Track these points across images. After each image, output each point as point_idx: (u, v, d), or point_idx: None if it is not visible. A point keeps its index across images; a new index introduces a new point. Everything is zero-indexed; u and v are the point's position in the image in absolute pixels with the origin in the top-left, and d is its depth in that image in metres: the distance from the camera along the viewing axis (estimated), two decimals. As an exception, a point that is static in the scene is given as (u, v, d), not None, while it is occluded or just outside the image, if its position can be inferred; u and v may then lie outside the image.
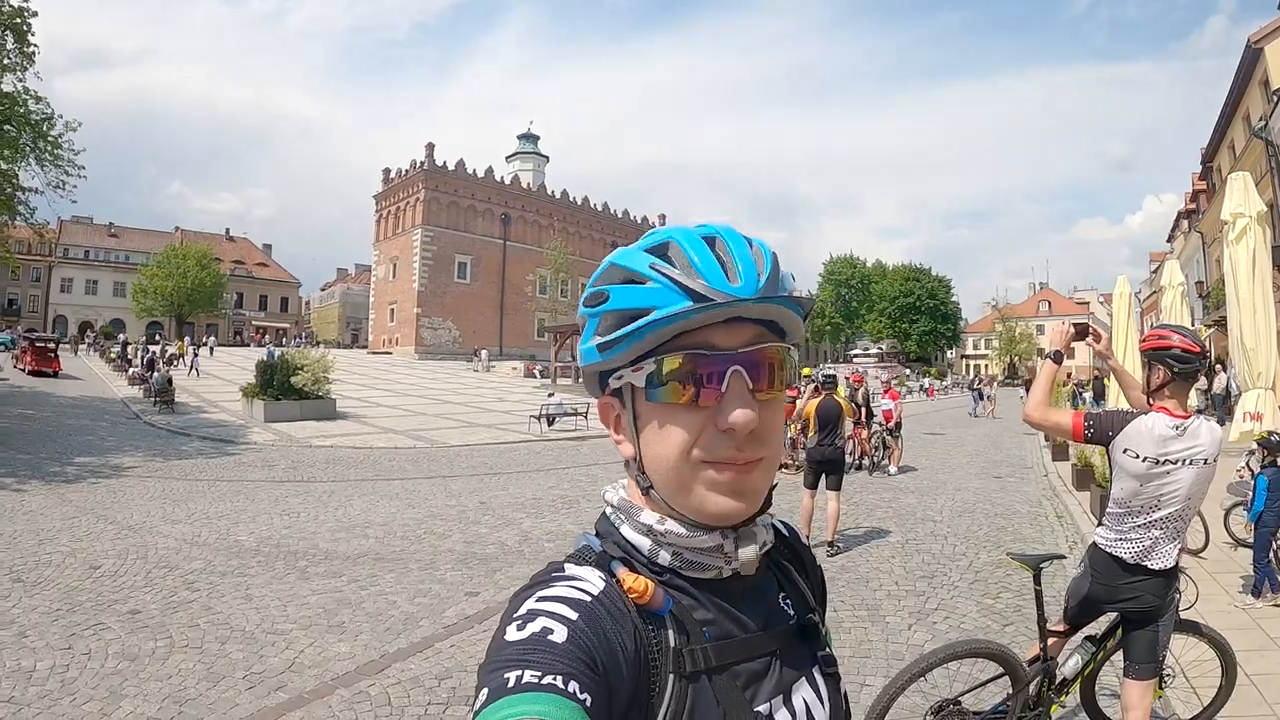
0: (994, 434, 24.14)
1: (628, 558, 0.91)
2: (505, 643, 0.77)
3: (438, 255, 70.03)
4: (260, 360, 24.91)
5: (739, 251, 0.85)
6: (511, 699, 0.70)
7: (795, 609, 1.00)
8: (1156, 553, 3.28)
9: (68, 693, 4.94)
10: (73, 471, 13.91)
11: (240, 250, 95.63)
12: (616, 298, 0.86)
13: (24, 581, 7.31)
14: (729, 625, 0.90)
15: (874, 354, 75.00)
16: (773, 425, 0.88)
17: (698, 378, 0.84)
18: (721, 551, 0.89)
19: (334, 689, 5.07)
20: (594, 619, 0.81)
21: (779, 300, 0.86)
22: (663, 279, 0.83)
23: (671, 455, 0.86)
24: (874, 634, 6.06)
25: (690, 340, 0.85)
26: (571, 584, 0.85)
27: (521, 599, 0.83)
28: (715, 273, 0.83)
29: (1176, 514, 3.26)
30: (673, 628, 0.86)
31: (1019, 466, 16.55)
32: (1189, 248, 43.35)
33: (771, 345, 0.87)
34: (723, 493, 0.85)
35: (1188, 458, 3.19)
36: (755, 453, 0.85)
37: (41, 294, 79.66)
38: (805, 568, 1.10)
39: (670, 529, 0.89)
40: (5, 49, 20.47)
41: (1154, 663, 3.31)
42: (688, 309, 0.82)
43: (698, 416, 0.85)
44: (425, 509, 11.26)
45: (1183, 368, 3.26)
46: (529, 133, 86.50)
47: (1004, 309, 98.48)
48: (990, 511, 11.13)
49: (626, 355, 0.87)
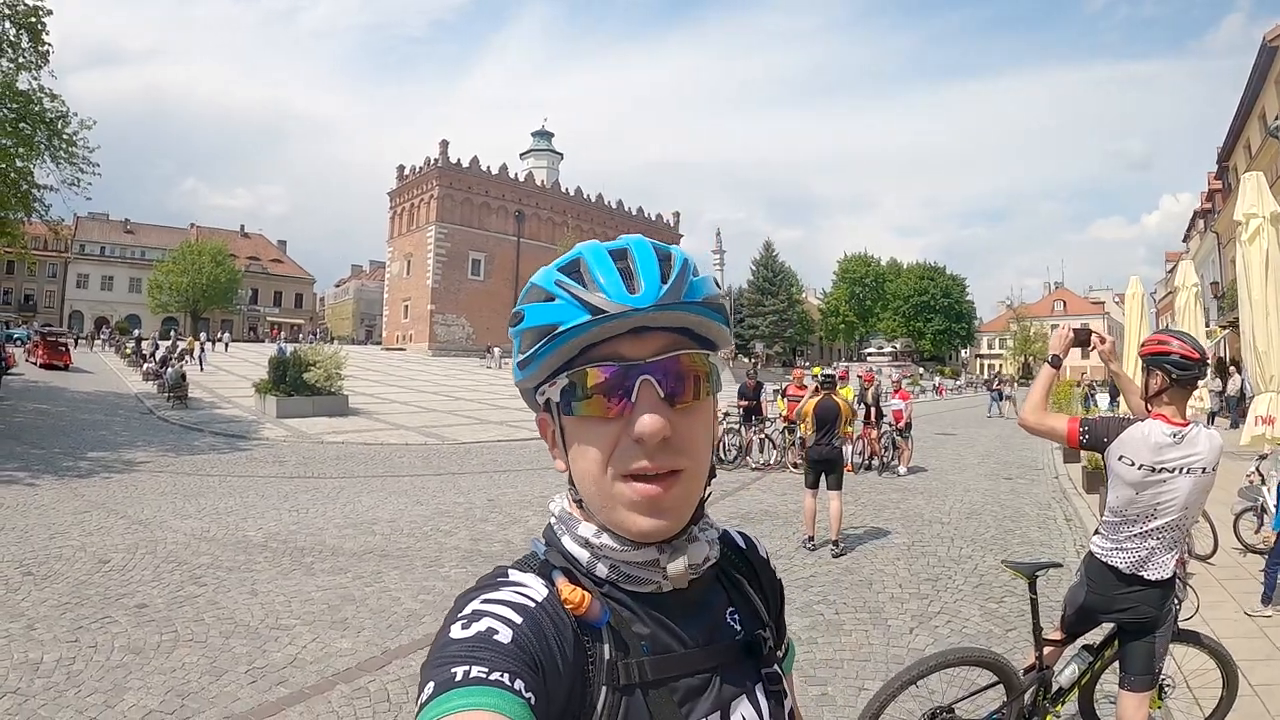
0: (1005, 435, 24.02)
1: (569, 568, 0.92)
2: (450, 640, 0.78)
3: (451, 252, 70.20)
4: (273, 356, 24.98)
5: (643, 262, 0.86)
6: (460, 691, 0.71)
7: (743, 624, 0.99)
8: (1153, 563, 3.24)
9: (73, 685, 4.99)
10: (85, 466, 14.00)
11: (255, 246, 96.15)
12: (530, 316, 0.88)
13: (34, 575, 7.37)
14: (667, 640, 0.90)
15: (888, 353, 74.72)
16: (691, 435, 0.87)
17: (608, 389, 0.85)
18: (657, 565, 0.89)
19: (334, 684, 5.10)
20: (536, 624, 0.82)
21: (683, 307, 0.86)
22: (565, 295, 0.85)
23: (592, 469, 0.87)
24: (875, 637, 6.04)
25: (600, 352, 0.86)
26: (516, 589, 0.86)
27: (466, 600, 0.85)
28: (615, 284, 0.84)
29: (1173, 523, 3.21)
30: (609, 640, 0.86)
31: (1029, 468, 16.46)
32: (1204, 248, 43.05)
33: (685, 353, 0.87)
34: (642, 511, 0.85)
35: (1185, 466, 3.16)
36: (671, 463, 0.85)
37: (58, 289, 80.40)
38: (761, 581, 1.09)
39: (605, 543, 0.90)
40: (20, 48, 20.60)
41: (1150, 674, 3.27)
42: (585, 322, 0.83)
43: (612, 429, 0.85)
44: (433, 506, 11.29)
45: (1181, 374, 3.22)
46: (543, 130, 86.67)
47: (1018, 308, 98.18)
48: (999, 514, 11.07)
49: (541, 371, 0.89)
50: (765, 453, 16.44)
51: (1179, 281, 12.48)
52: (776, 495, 12.61)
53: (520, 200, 75.64)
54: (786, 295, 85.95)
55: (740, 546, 1.11)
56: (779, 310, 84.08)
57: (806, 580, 7.63)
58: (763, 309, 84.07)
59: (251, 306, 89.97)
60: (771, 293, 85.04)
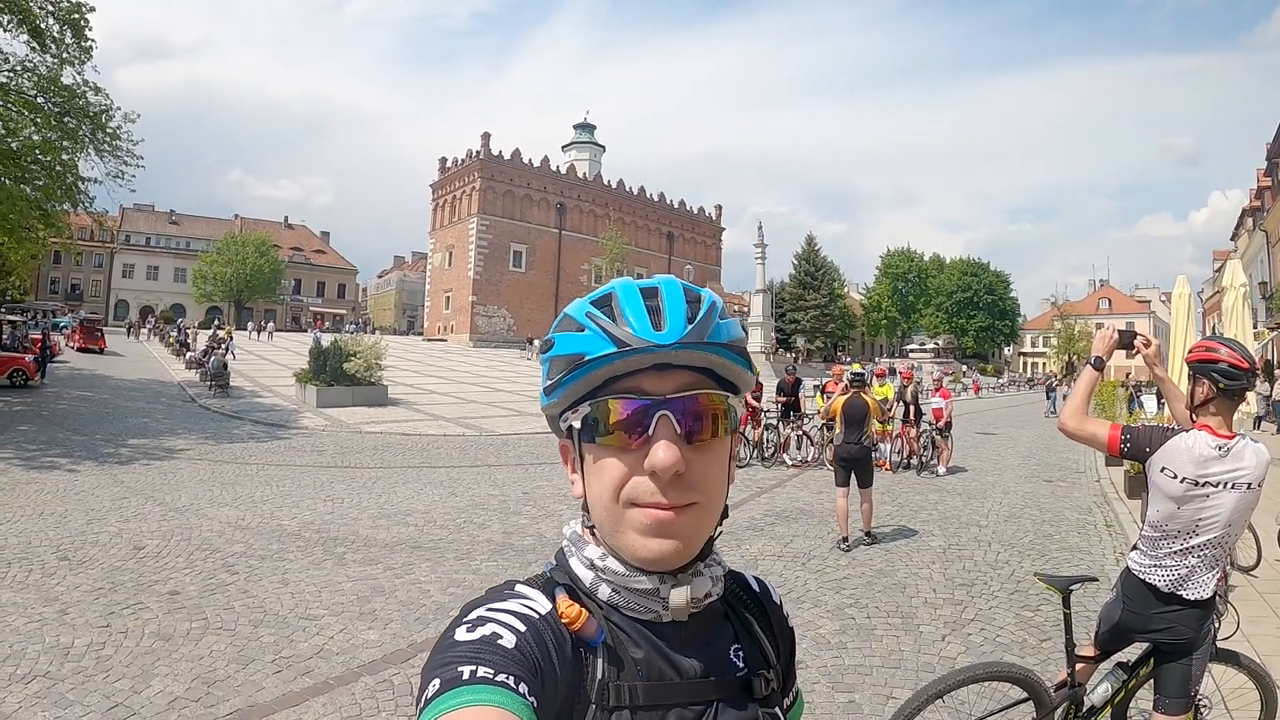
0: (1047, 436, 23.66)
1: (573, 587, 0.94)
2: (455, 642, 0.80)
3: (493, 244, 70.59)
4: (313, 346, 25.22)
5: (671, 301, 0.89)
6: (468, 688, 0.73)
7: (747, 661, 0.99)
8: (1193, 582, 3.11)
9: (102, 670, 5.07)
10: (126, 453, 14.23)
11: (298, 237, 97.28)
12: (560, 344, 0.90)
13: (70, 560, 7.49)
14: (662, 667, 0.90)
15: (930, 349, 74.05)
16: (706, 472, 0.89)
17: (627, 422, 0.86)
18: (658, 595, 0.90)
19: (359, 676, 5.13)
20: (539, 634, 0.84)
21: (705, 347, 0.88)
22: (594, 327, 0.88)
23: (604, 495, 0.89)
24: (906, 644, 5.94)
25: (622, 385, 0.88)
26: (522, 602, 0.89)
27: (472, 608, 0.87)
28: (642, 321, 0.86)
29: (1215, 541, 3.08)
30: (604, 658, 0.88)
31: (1071, 470, 16.17)
32: (1253, 247, 42.19)
33: (704, 392, 0.89)
34: (651, 534, 0.86)
35: (1230, 481, 3.02)
36: (683, 498, 0.86)
37: (104, 279, 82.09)
38: (772, 627, 1.08)
39: (610, 565, 0.92)
40: (64, 43, 21.01)
41: (1185, 697, 3.15)
42: (610, 354, 0.86)
43: (629, 459, 0.87)
44: (468, 498, 11.33)
45: (1229, 384, 3.08)
46: (585, 122, 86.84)
47: (1063, 306, 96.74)
48: (1038, 518, 10.88)
49: (566, 399, 0.92)
50: (803, 450, 16.32)
51: (1226, 281, 12.17)
52: (813, 493, 12.50)
53: (562, 193, 75.83)
54: (828, 290, 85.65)
55: (754, 590, 1.11)
56: (820, 305, 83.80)
57: (839, 582, 7.55)
58: (804, 303, 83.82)
59: (295, 297, 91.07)
60: (813, 287, 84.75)
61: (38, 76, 21.06)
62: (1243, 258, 37.40)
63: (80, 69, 21.53)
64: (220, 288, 77.58)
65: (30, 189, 22.04)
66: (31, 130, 21.49)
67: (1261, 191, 42.00)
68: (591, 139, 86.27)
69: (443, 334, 72.18)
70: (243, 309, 78.42)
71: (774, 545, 8.87)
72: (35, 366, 25.07)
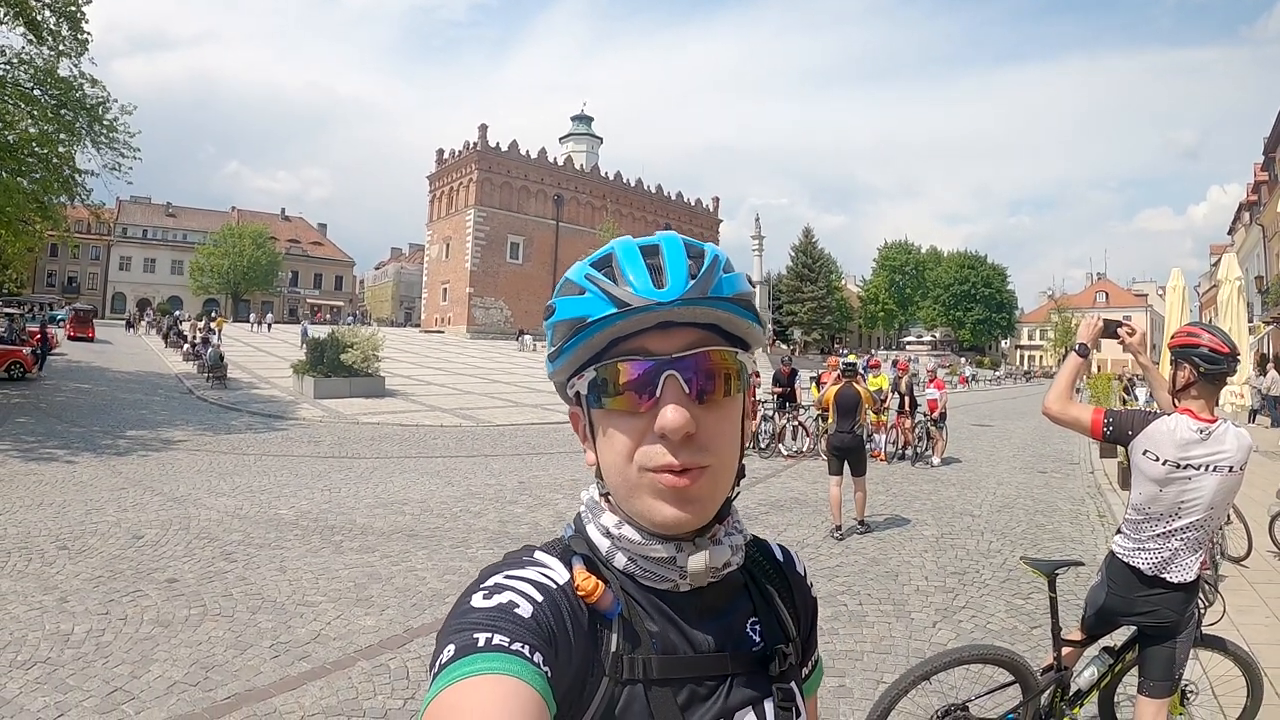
0: (1043, 428, 23.67)
1: (590, 555, 0.92)
2: (471, 608, 0.79)
3: (490, 236, 70.43)
4: (312, 338, 25.20)
5: (672, 258, 0.86)
6: (483, 656, 0.72)
7: (765, 636, 0.97)
8: (1176, 565, 3.15)
9: (101, 655, 5.12)
10: (124, 444, 14.25)
11: (296, 230, 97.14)
12: (561, 309, 0.88)
13: (69, 549, 7.53)
14: (676, 640, 0.89)
15: (927, 342, 74.16)
16: (717, 432, 0.87)
17: (634, 384, 0.85)
18: (674, 564, 0.89)
19: (355, 661, 5.19)
20: (555, 605, 0.82)
21: (709, 303, 0.85)
22: (595, 289, 0.85)
23: (617, 461, 0.87)
24: (897, 630, 6.01)
25: (627, 347, 0.86)
26: (540, 570, 0.87)
27: (490, 574, 0.86)
28: (643, 279, 0.84)
29: (1198, 524, 3.13)
30: (619, 631, 0.86)
31: (1065, 461, 16.24)
32: (1249, 241, 42.20)
33: (712, 349, 0.87)
34: (666, 500, 0.85)
35: (1211, 464, 3.07)
36: (695, 460, 0.84)
37: (100, 272, 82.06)
38: (794, 597, 1.07)
39: (625, 534, 0.90)
40: (61, 36, 21.03)
41: (1169, 681, 3.19)
42: (610, 315, 0.84)
43: (639, 422, 0.85)
44: (464, 487, 11.38)
45: (1209, 368, 3.13)
46: (583, 114, 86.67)
47: (1060, 299, 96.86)
48: (1031, 508, 10.95)
49: (571, 364, 0.90)
50: (798, 440, 16.37)
51: (1222, 275, 12.20)
52: (807, 483, 12.56)
53: (559, 184, 75.64)
54: (826, 282, 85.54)
55: (778, 559, 1.10)
56: (817, 297, 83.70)
57: (832, 570, 7.61)
58: (801, 296, 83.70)
59: (292, 289, 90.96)
60: (810, 279, 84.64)
61: (34, 69, 21.11)
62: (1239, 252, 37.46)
63: (77, 61, 21.60)
64: (217, 280, 77.48)
65: (27, 182, 22.07)
66: (28, 123, 21.56)
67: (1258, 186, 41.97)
68: (589, 130, 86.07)
69: (440, 325, 72.08)
70: (240, 301, 78.40)
71: (768, 534, 8.81)
72: (33, 359, 25.06)
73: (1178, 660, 3.21)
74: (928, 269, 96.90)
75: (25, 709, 4.34)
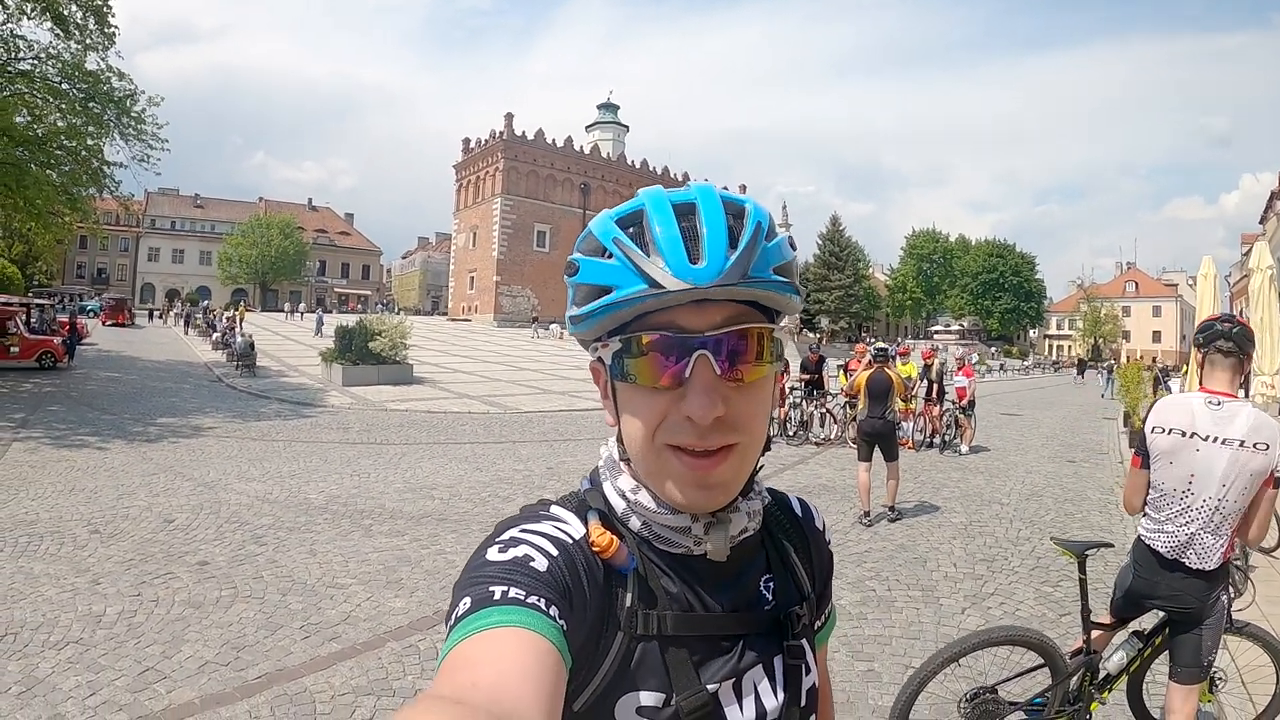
0: (1071, 417, 23.53)
1: (605, 512, 0.92)
2: (487, 561, 0.79)
3: (517, 224, 70.71)
4: (340, 326, 25.34)
5: (711, 224, 0.81)
6: (499, 609, 0.72)
7: (777, 595, 0.97)
8: (1195, 549, 3.10)
9: (133, 636, 5.17)
10: (154, 431, 14.38)
11: (322, 219, 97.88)
12: (584, 271, 0.84)
13: (101, 533, 7.61)
14: (691, 600, 0.89)
15: (955, 331, 73.57)
16: (747, 411, 0.84)
17: (663, 362, 0.81)
18: (689, 534, 0.88)
19: (385, 641, 5.22)
20: (570, 559, 0.82)
21: (749, 283, 0.80)
22: (623, 257, 0.81)
23: (639, 436, 0.85)
24: (925, 615, 5.97)
25: (657, 320, 0.82)
26: (556, 524, 0.87)
27: (506, 527, 0.86)
28: (676, 253, 0.79)
29: (1213, 504, 3.06)
30: (634, 588, 0.86)
31: (1094, 451, 16.10)
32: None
33: (747, 327, 0.83)
34: (689, 484, 0.83)
35: (1220, 436, 3.02)
36: (723, 439, 0.82)
37: (129, 263, 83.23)
38: (810, 552, 1.06)
39: (641, 500, 0.89)
40: (87, 30, 21.25)
41: (1199, 667, 3.15)
42: (642, 293, 0.79)
43: (664, 398, 0.82)
44: (492, 473, 11.41)
45: (1203, 337, 3.17)
46: (609, 102, 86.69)
47: (1089, 289, 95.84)
48: (1059, 496, 10.85)
49: (593, 331, 0.86)
50: (826, 427, 16.32)
51: (1253, 264, 11.92)
52: (835, 470, 12.52)
53: (585, 173, 75.78)
54: (853, 270, 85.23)
55: (796, 514, 1.09)
56: (845, 286, 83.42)
57: (860, 556, 7.58)
58: (829, 284, 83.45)
59: (320, 278, 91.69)
60: (838, 268, 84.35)
61: (62, 63, 21.38)
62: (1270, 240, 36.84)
63: (104, 55, 21.83)
64: (245, 270, 78.37)
65: (56, 174, 22.38)
66: (57, 116, 21.87)
67: (1291, 174, 41.32)
68: (615, 119, 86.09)
69: (467, 314, 72.46)
70: (268, 291, 79.15)
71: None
72: (64, 349, 25.36)
73: (1204, 648, 3.17)
74: (955, 257, 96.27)
75: (58, 688, 4.39)
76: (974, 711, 3.50)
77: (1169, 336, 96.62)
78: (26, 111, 21.05)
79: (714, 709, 0.86)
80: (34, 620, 5.37)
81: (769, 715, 0.92)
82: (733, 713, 0.89)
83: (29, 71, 21.00)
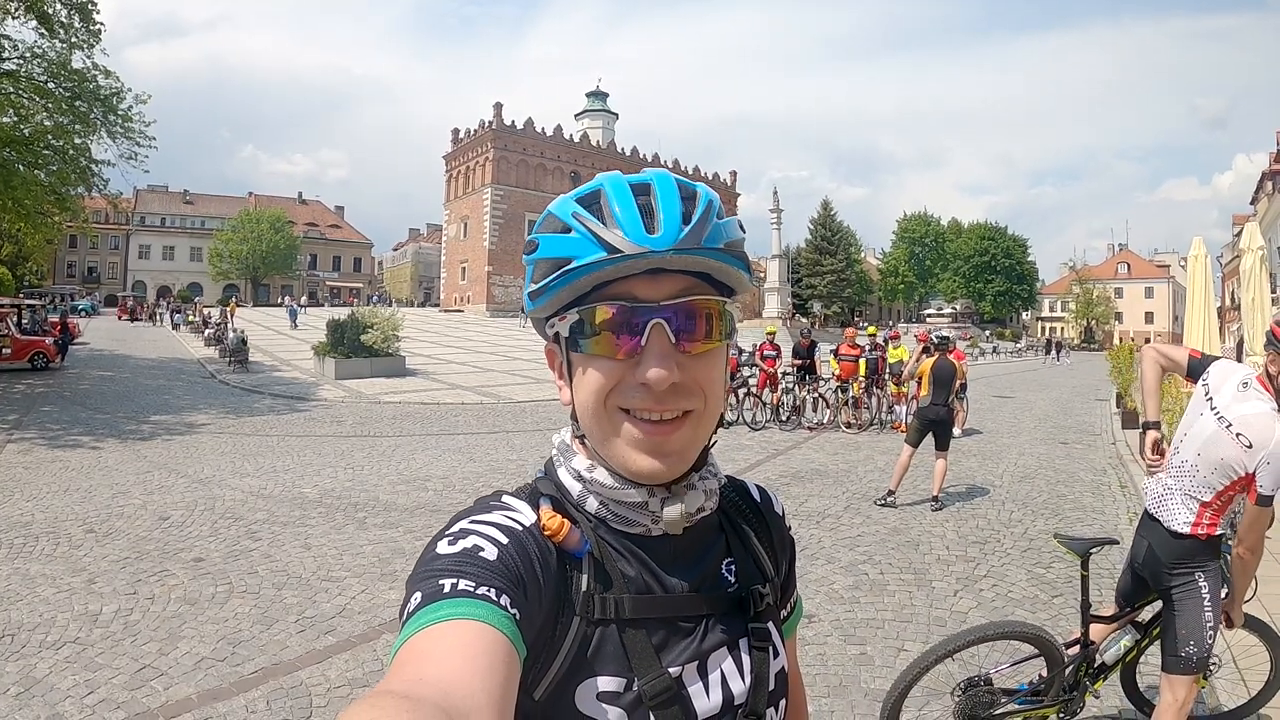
0: (1064, 399, 23.58)
1: (558, 497, 0.93)
2: (437, 554, 0.79)
3: (508, 214, 70.56)
4: (332, 319, 25.31)
5: (665, 201, 0.84)
6: (449, 602, 0.72)
7: (740, 577, 0.97)
8: (1167, 507, 3.19)
9: (130, 634, 5.19)
10: (148, 429, 14.39)
11: (313, 213, 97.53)
12: (544, 247, 0.86)
13: (96, 532, 7.62)
14: (649, 582, 0.90)
15: (948, 314, 73.77)
16: (701, 379, 0.86)
17: (619, 329, 0.83)
18: (647, 509, 0.89)
19: (380, 633, 5.25)
20: (521, 546, 0.82)
21: (702, 252, 0.83)
22: (582, 229, 0.83)
23: (592, 402, 0.86)
24: (918, 598, 6.01)
25: (613, 291, 0.84)
26: (506, 513, 0.87)
27: (456, 520, 0.85)
28: (634, 223, 0.82)
29: (1186, 467, 3.14)
30: (589, 571, 0.86)
31: (1086, 433, 16.12)
32: (1272, 210, 41.60)
33: (700, 298, 0.85)
34: (643, 450, 0.85)
35: (1220, 411, 3.06)
36: (678, 406, 0.84)
37: (120, 261, 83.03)
38: (771, 537, 1.07)
39: (597, 478, 0.90)
40: (73, 28, 21.15)
41: (1176, 656, 3.16)
42: (600, 260, 0.81)
43: (619, 366, 0.84)
44: (486, 463, 11.45)
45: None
46: (598, 90, 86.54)
47: (1081, 270, 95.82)
48: (1052, 479, 10.88)
49: (552, 304, 0.87)
50: (819, 412, 16.33)
51: (1244, 244, 11.99)
52: (828, 454, 12.55)
53: (575, 161, 75.56)
54: (845, 255, 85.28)
55: (755, 500, 1.09)
56: (837, 270, 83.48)
57: (853, 539, 7.61)
58: (821, 269, 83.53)
59: (311, 272, 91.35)
60: (830, 252, 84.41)
61: (47, 62, 21.27)
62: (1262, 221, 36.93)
63: (90, 53, 21.70)
64: (236, 265, 78.11)
65: (44, 174, 22.33)
66: (43, 116, 21.77)
67: (1282, 155, 41.41)
68: (604, 106, 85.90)
69: (459, 305, 72.35)
70: (260, 286, 78.95)
71: (789, 504, 8.89)
72: (56, 349, 25.30)
73: (1181, 637, 3.15)
74: (948, 241, 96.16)
75: (56, 688, 4.41)
76: (968, 700, 3.51)
77: (1161, 317, 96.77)
78: (13, 111, 20.93)
79: (677, 692, 0.87)
80: (31, 621, 5.38)
81: (736, 698, 0.92)
82: (697, 694, 0.89)
83: (14, 71, 20.89)
